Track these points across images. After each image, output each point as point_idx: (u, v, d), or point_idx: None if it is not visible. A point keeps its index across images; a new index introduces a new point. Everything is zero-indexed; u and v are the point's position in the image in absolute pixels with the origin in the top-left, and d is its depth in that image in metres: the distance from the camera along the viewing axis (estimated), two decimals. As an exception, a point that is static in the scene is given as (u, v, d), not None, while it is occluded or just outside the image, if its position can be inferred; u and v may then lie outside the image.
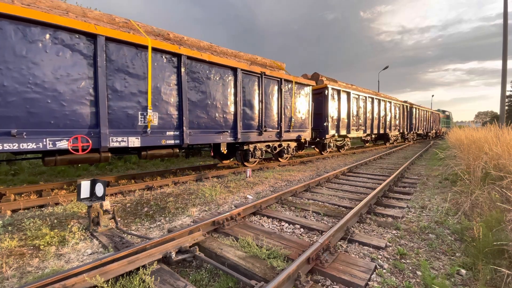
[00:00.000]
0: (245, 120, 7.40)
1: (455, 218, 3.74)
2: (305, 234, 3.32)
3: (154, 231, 3.55)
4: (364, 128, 14.02)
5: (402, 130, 19.98)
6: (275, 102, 8.37)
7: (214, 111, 6.57)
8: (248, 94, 7.47)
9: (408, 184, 6.13)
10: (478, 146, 5.76)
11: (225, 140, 6.86)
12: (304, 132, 9.72)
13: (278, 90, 8.44)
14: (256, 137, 7.74)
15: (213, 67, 6.50)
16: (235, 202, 4.74)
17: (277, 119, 8.46)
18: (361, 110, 13.75)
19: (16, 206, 4.36)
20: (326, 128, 11.10)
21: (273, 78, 8.21)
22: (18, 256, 2.76)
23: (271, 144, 8.53)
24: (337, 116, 11.81)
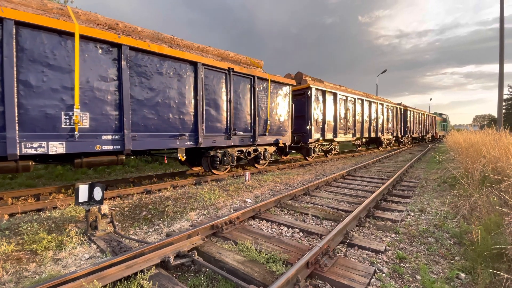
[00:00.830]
0: (209, 122, 6.53)
1: (454, 222, 3.74)
2: (304, 238, 3.30)
3: (153, 235, 3.53)
4: (353, 131, 13.22)
5: (396, 133, 19.26)
6: (247, 103, 7.51)
7: (167, 112, 5.68)
8: (213, 93, 6.62)
9: (407, 187, 6.14)
10: (476, 150, 5.78)
11: (182, 145, 5.96)
12: (283, 135, 8.86)
13: (251, 89, 7.58)
14: (223, 142, 6.88)
15: (166, 61, 5.64)
16: (234, 206, 4.73)
17: (250, 121, 7.60)
18: (349, 113, 12.95)
19: (13, 210, 4.33)
20: (309, 131, 10.24)
21: (244, 75, 7.36)
22: (15, 261, 2.73)
23: (244, 149, 7.67)
24: (322, 118, 11.02)
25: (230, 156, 7.34)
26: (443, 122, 39.72)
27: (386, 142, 18.30)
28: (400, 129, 20.18)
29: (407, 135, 21.20)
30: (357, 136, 13.63)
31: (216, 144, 6.72)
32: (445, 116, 41.49)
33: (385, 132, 17.34)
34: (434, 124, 32.21)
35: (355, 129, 13.35)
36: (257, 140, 7.82)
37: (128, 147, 5.05)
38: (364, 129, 14.33)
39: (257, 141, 7.82)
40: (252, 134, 7.70)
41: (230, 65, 6.95)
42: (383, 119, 16.74)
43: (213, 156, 7.07)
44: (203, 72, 6.34)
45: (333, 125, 11.75)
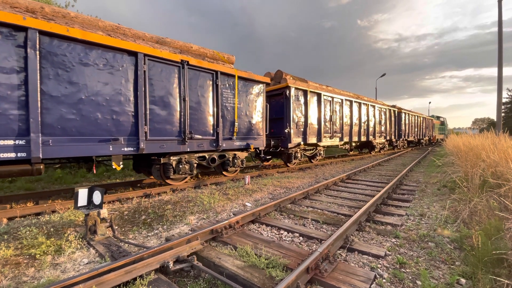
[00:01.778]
0: (155, 123, 5.54)
1: (454, 226, 3.73)
2: (304, 243, 3.29)
3: (152, 239, 3.51)
4: (340, 135, 12.25)
5: (390, 137, 18.25)
6: (208, 101, 6.54)
7: (94, 111, 4.71)
8: (161, 89, 5.63)
9: (406, 191, 6.13)
10: (475, 153, 5.79)
11: (118, 151, 4.97)
12: (256, 140, 7.85)
13: (213, 86, 6.63)
14: (176, 147, 5.91)
15: (94, 50, 4.70)
16: (234, 210, 4.72)
17: (212, 123, 6.64)
18: (336, 115, 11.97)
19: (12, 214, 4.32)
20: (288, 135, 9.29)
21: (203, 69, 6.37)
22: (14, 266, 2.72)
23: (206, 155, 6.77)
24: (304, 121, 10.04)
25: (188, 163, 6.39)
26: (441, 125, 38.68)
27: (379, 146, 17.44)
28: (394, 133, 19.22)
29: (401, 138, 20.29)
30: (345, 140, 12.63)
31: (165, 150, 5.73)
32: (443, 119, 40.36)
33: (377, 135, 16.27)
34: (431, 127, 31.23)
35: (342, 132, 12.34)
36: (222, 145, 6.84)
37: (36, 155, 4.08)
38: (353, 132, 13.32)
39: (222, 145, 6.85)
40: (215, 138, 6.71)
41: (183, 57, 5.92)
42: (374, 122, 15.72)
43: (165, 164, 6.09)
44: (147, 64, 5.35)
45: (317, 129, 10.80)
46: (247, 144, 7.61)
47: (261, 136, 8.11)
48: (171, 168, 6.10)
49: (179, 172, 6.23)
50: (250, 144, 7.70)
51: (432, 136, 31.42)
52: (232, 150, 7.53)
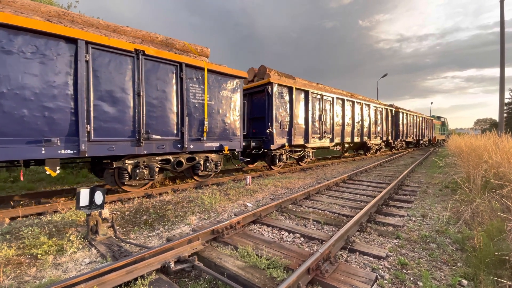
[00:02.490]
0: (102, 122, 4.81)
1: (456, 227, 3.72)
2: (305, 243, 3.29)
3: (153, 239, 3.52)
4: (331, 136, 11.40)
5: (386, 137, 17.33)
6: (170, 97, 5.80)
7: (20, 106, 4.03)
8: (109, 82, 4.90)
9: (408, 192, 6.11)
10: (477, 154, 5.77)
11: (52, 154, 4.31)
12: (231, 141, 7.11)
13: (177, 80, 5.88)
14: (129, 149, 5.17)
15: (20, 35, 4.03)
16: (235, 210, 4.72)
17: (175, 122, 5.89)
18: (326, 114, 11.11)
19: (14, 214, 4.34)
20: (270, 136, 8.53)
21: (163, 61, 5.63)
22: (16, 265, 2.73)
23: (171, 158, 6.08)
24: (289, 120, 9.26)
25: (148, 167, 5.70)
26: (441, 126, 37.38)
27: (375, 148, 16.50)
28: (391, 133, 18.22)
29: (399, 139, 19.36)
30: (336, 141, 11.75)
31: (116, 152, 5.00)
32: (444, 119, 39.09)
33: (373, 136, 15.38)
34: (431, 128, 30.16)
35: (333, 133, 11.48)
36: (188, 146, 6.11)
37: None
38: (345, 133, 12.45)
39: (188, 147, 6.12)
40: (180, 138, 5.97)
41: (138, 46, 5.22)
42: (369, 122, 14.84)
43: (118, 169, 5.42)
44: (91, 53, 4.65)
45: (304, 129, 9.99)
46: (220, 146, 6.84)
47: (238, 137, 7.34)
48: (126, 173, 5.42)
49: (136, 177, 5.51)
50: (224, 146, 6.90)
51: (432, 137, 30.52)
52: (203, 152, 6.78)
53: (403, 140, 20.66)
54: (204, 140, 6.48)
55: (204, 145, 6.52)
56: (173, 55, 5.83)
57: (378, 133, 16.19)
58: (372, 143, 15.74)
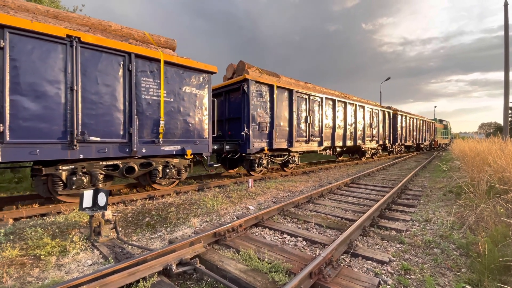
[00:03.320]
0: (21, 120, 4.12)
1: (460, 232, 3.68)
2: (308, 247, 3.27)
3: (155, 241, 3.53)
4: (319, 139, 10.55)
5: (383, 141, 16.35)
6: (115, 93, 4.98)
7: None
8: (32, 74, 4.20)
9: (412, 196, 6.07)
10: (482, 159, 5.72)
11: None
12: (196, 144, 6.28)
13: (124, 73, 5.09)
14: (59, 153, 4.44)
15: None
16: (237, 213, 4.72)
17: (122, 121, 5.10)
18: (314, 116, 10.27)
19: (18, 215, 4.37)
20: (246, 138, 7.72)
21: (106, 50, 4.87)
22: (19, 266, 2.75)
23: (120, 163, 5.25)
24: (269, 122, 8.40)
25: (88, 174, 4.93)
26: (444, 129, 36.13)
27: (370, 152, 15.57)
28: (388, 137, 17.13)
29: (397, 143, 18.35)
30: (325, 145, 10.86)
31: (41, 157, 4.29)
32: (446, 122, 37.70)
33: (368, 139, 14.41)
34: (433, 131, 28.92)
35: (322, 136, 10.61)
36: (139, 150, 5.29)
37: None
38: (336, 136, 11.54)
39: (139, 151, 5.30)
40: (127, 140, 5.17)
41: (72, 32, 4.48)
42: (364, 125, 13.89)
43: (51, 175, 4.67)
44: (8, 39, 3.99)
45: (288, 131, 9.16)
46: (182, 149, 6.01)
47: (205, 139, 6.52)
48: (59, 181, 4.69)
49: (73, 186, 4.74)
50: (186, 149, 6.05)
51: (433, 141, 29.36)
52: (161, 157, 5.95)
53: (402, 144, 19.76)
54: (160, 143, 5.62)
55: (161, 148, 5.68)
56: (118, 43, 4.96)
57: (373, 137, 15.20)
58: (367, 147, 14.76)
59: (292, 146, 9.21)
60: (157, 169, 5.84)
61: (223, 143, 7.78)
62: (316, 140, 10.48)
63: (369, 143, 14.69)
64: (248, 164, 8.34)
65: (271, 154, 8.91)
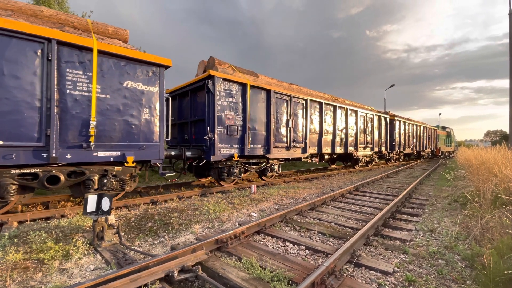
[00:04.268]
0: None
1: (465, 243, 3.63)
2: (310, 256, 3.25)
3: (157, 247, 3.53)
4: (303, 145, 9.58)
5: (379, 148, 15.18)
6: (28, 86, 4.17)
7: None
8: None
9: (416, 205, 6.00)
10: (487, 168, 5.66)
11: None
12: (142, 149, 5.28)
13: (43, 62, 4.27)
14: None
15: None
16: (239, 220, 4.70)
17: (38, 121, 4.26)
18: (297, 120, 9.31)
19: (23, 218, 4.41)
20: (210, 143, 6.70)
21: (17, 34, 4.05)
22: (22, 270, 2.76)
23: (39, 171, 4.41)
24: (241, 125, 7.40)
25: None
26: (447, 137, 34.53)
27: (365, 159, 14.48)
28: (384, 143, 15.90)
29: (395, 150, 17.01)
30: (310, 152, 9.89)
31: None
32: (449, 129, 36.10)
33: (361, 146, 13.29)
34: (435, 138, 27.38)
35: (306, 142, 9.62)
36: (62, 156, 4.41)
37: None
38: (323, 142, 10.51)
39: (62, 157, 4.41)
40: (44, 144, 4.28)
41: None
42: (356, 131, 12.83)
43: None
44: None
45: (265, 136, 8.12)
46: (122, 156, 5.02)
47: (156, 144, 5.51)
48: None
49: None
50: (128, 156, 5.05)
51: (436, 148, 27.79)
52: (99, 164, 5.03)
53: (401, 151, 18.42)
54: (92, 148, 4.68)
55: (93, 154, 4.74)
56: (33, 27, 4.16)
57: (367, 143, 13.97)
58: (360, 155, 13.59)
59: (270, 153, 8.15)
60: (92, 179, 4.88)
61: (182, 148, 6.77)
62: (299, 146, 9.47)
63: (362, 150, 13.58)
64: (217, 173, 7.27)
65: (246, 162, 7.93)
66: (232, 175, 7.39)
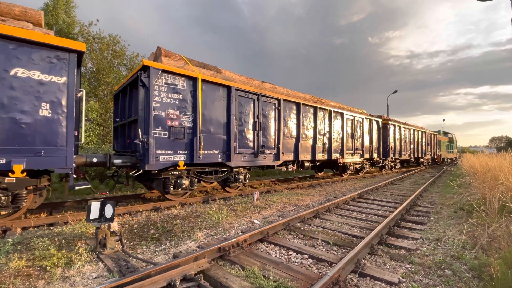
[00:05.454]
0: None
1: (472, 253, 3.56)
2: (314, 265, 3.20)
3: (160, 255, 3.51)
4: (275, 151, 8.27)
5: (370, 154, 13.78)
6: None
7: None
8: None
9: (421, 213, 5.92)
10: (493, 175, 5.59)
11: None
12: (39, 155, 4.21)
13: None
14: None
15: None
16: (242, 227, 4.67)
17: None
18: (267, 122, 8.04)
19: (26, 224, 4.43)
20: (144, 148, 5.48)
21: None
22: (25, 277, 2.76)
23: None
24: (190, 127, 6.14)
25: None
26: (449, 143, 32.74)
27: (354, 167, 13.04)
28: (377, 150, 14.51)
29: (389, 157, 15.60)
30: (284, 159, 8.57)
31: None
32: (452, 135, 34.26)
33: (348, 153, 11.96)
34: (435, 144, 25.77)
35: (279, 147, 8.33)
36: None
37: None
38: (301, 148, 9.25)
39: None
40: None
41: None
42: (342, 135, 11.54)
43: None
44: None
45: (225, 141, 6.86)
46: (7, 163, 3.99)
47: (61, 149, 4.42)
48: None
49: None
50: (14, 163, 4.01)
51: (436, 155, 26.20)
52: None
53: (396, 158, 17.00)
54: None
55: None
56: None
57: (356, 150, 12.55)
58: (348, 162, 12.27)
59: (230, 160, 6.88)
60: None
61: (108, 155, 5.61)
62: (270, 152, 8.12)
63: (350, 157, 12.22)
64: (161, 184, 6.06)
65: (201, 171, 6.70)
66: (180, 187, 6.08)
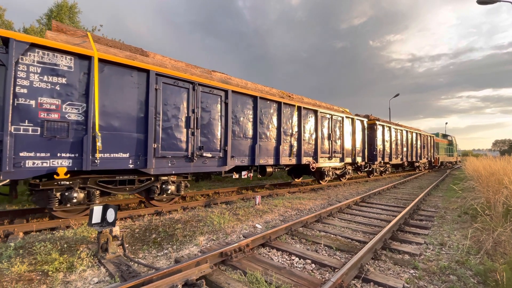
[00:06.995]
0: None
1: (477, 258, 3.51)
2: (317, 270, 3.17)
3: (161, 259, 3.49)
4: (220, 154, 6.70)
5: (352, 158, 11.90)
6: None
7: None
8: None
9: (425, 217, 5.86)
10: (497, 179, 5.53)
11: None
12: None
13: None
14: None
15: None
16: (244, 232, 4.65)
17: None
18: (210, 118, 6.55)
19: (28, 228, 4.42)
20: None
21: None
22: (27, 282, 2.75)
23: None
24: (79, 120, 4.61)
25: None
26: (448, 145, 30.25)
27: (334, 172, 11.30)
28: (362, 152, 12.69)
29: (377, 161, 13.81)
30: (235, 164, 7.06)
31: None
32: (451, 138, 31.83)
33: (324, 156, 10.27)
34: (432, 147, 23.58)
35: (226, 150, 6.80)
36: None
37: None
38: (260, 150, 7.69)
39: None
40: None
41: None
42: (316, 136, 9.85)
43: None
44: None
45: (141, 141, 5.28)
46: None
47: None
48: None
49: None
50: None
51: (434, 158, 24.15)
52: None
53: (385, 162, 15.22)
54: None
55: None
56: None
57: (335, 153, 10.85)
58: (325, 166, 10.51)
59: (147, 166, 5.29)
60: None
61: None
62: (214, 156, 6.56)
63: (327, 161, 10.46)
64: (41, 198, 4.70)
65: (108, 180, 5.18)
66: (69, 201, 4.67)
